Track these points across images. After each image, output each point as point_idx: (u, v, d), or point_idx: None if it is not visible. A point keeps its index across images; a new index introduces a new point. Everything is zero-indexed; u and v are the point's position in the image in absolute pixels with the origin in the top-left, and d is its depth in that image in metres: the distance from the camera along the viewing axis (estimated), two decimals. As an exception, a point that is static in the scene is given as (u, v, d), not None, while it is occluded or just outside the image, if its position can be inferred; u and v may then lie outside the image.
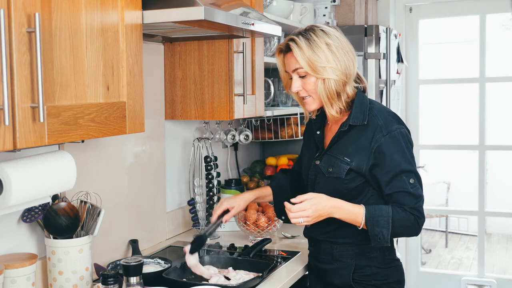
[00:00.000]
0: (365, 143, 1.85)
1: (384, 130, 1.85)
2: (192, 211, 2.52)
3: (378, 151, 1.83)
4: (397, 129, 1.86)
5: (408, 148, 1.88)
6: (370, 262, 1.92)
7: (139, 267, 1.52)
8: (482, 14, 3.87)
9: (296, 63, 1.87)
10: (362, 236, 1.89)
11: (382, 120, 1.87)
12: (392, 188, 1.83)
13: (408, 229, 1.84)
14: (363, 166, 1.85)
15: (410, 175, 1.84)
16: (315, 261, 2.03)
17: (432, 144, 4.84)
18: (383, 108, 1.96)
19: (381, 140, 1.84)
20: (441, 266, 5.95)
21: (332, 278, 1.96)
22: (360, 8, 3.45)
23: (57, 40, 1.33)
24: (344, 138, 1.90)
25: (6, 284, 1.60)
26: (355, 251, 1.92)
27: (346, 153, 1.87)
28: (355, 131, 1.88)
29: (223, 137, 2.72)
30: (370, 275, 1.91)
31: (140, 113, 1.64)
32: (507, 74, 4.29)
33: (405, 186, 1.82)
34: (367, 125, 1.87)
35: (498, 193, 6.07)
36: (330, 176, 1.89)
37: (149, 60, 2.30)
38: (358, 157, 1.85)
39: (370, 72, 3.24)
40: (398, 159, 1.83)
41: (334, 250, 1.95)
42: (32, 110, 1.23)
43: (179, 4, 1.67)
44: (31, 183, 1.48)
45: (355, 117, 1.88)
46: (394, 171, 1.82)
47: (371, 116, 1.88)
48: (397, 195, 1.83)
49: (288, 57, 1.91)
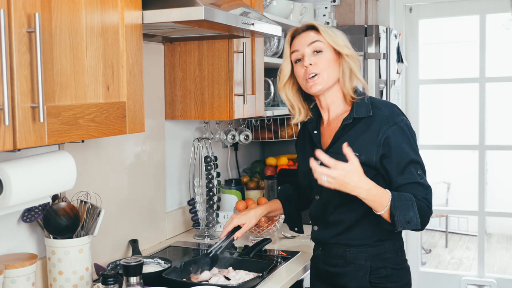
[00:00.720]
0: (373, 135, 1.84)
1: (391, 121, 1.84)
2: (192, 211, 2.52)
3: (386, 142, 1.82)
4: (403, 120, 1.87)
5: (414, 139, 1.89)
6: (385, 263, 1.89)
7: (139, 267, 1.52)
8: (482, 14, 3.87)
9: (317, 36, 1.88)
10: (376, 237, 1.87)
11: (387, 111, 1.87)
12: (403, 180, 1.81)
13: (422, 218, 1.80)
14: (373, 158, 1.82)
15: (417, 167, 1.84)
16: (324, 265, 1.98)
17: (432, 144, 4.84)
18: (385, 101, 1.98)
19: (388, 131, 1.83)
20: (441, 266, 5.95)
21: (346, 281, 1.91)
22: (360, 8, 3.44)
23: (57, 40, 1.33)
24: (349, 133, 1.87)
25: (6, 284, 1.60)
26: (370, 252, 1.88)
27: (353, 148, 1.81)
28: (360, 125, 1.87)
29: (223, 137, 2.72)
30: (385, 277, 1.89)
31: (140, 113, 1.64)
32: (507, 74, 4.29)
33: (415, 177, 1.82)
34: (372, 117, 1.86)
35: (498, 193, 6.07)
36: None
37: (149, 60, 2.30)
38: (366, 150, 1.83)
39: (370, 72, 3.24)
40: (406, 150, 1.83)
41: (347, 253, 1.90)
42: (32, 110, 1.23)
43: (179, 4, 1.67)
44: (31, 183, 1.48)
45: (358, 109, 1.87)
46: (403, 162, 1.81)
47: (375, 108, 1.88)
48: (408, 186, 1.81)
49: (303, 35, 1.90)
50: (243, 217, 2.11)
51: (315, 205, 1.97)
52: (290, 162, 3.10)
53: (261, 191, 2.99)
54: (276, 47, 2.78)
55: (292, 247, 2.39)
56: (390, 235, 1.91)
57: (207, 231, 2.52)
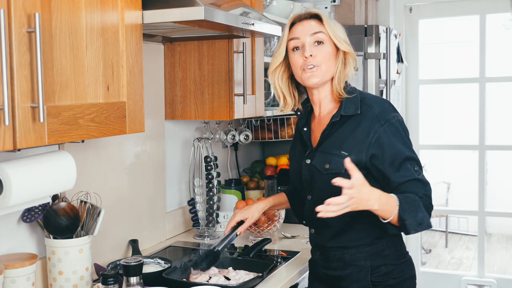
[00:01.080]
0: (363, 135, 1.79)
1: (382, 120, 1.79)
2: (192, 211, 2.52)
3: (378, 142, 1.77)
4: (394, 117, 1.81)
5: (407, 135, 1.83)
6: (385, 260, 1.85)
7: (139, 267, 1.52)
8: (482, 14, 3.87)
9: (320, 27, 1.82)
10: (373, 235, 1.83)
11: (378, 109, 1.81)
12: (400, 177, 1.75)
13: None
14: (362, 158, 1.77)
15: (413, 163, 1.78)
16: (323, 269, 1.95)
17: (432, 144, 4.84)
18: (376, 97, 1.92)
19: (380, 130, 1.78)
20: (441, 266, 5.95)
21: (347, 284, 1.88)
22: (360, 8, 3.45)
23: (57, 40, 1.33)
24: (338, 132, 1.83)
25: (6, 284, 1.60)
26: (368, 252, 1.85)
27: (342, 147, 1.79)
28: (349, 124, 1.82)
29: (223, 137, 2.72)
30: (386, 274, 1.85)
31: (140, 113, 1.64)
32: (507, 74, 4.29)
33: (412, 173, 1.76)
34: (362, 115, 1.81)
35: (498, 193, 6.08)
36: (328, 173, 1.80)
37: (149, 60, 2.30)
38: (356, 150, 1.78)
39: (370, 72, 3.24)
40: (400, 147, 1.77)
41: (345, 255, 1.87)
42: (32, 110, 1.23)
43: (179, 4, 1.67)
44: (31, 183, 1.48)
45: (347, 107, 1.82)
46: (398, 159, 1.76)
47: (365, 106, 1.82)
48: (406, 184, 1.75)
49: (305, 23, 1.84)
50: (246, 211, 2.10)
51: (308, 205, 1.91)
52: (290, 162, 3.10)
53: (261, 191, 2.99)
54: (276, 47, 2.78)
55: (292, 247, 2.39)
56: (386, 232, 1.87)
57: (207, 231, 2.52)
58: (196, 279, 1.91)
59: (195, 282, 1.87)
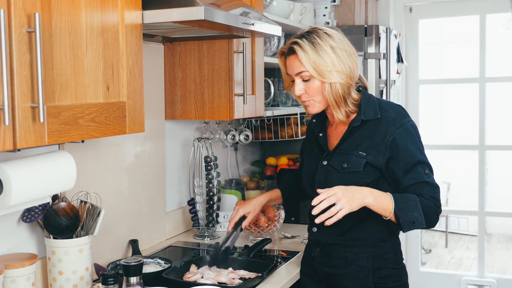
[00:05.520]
0: (380, 137, 1.84)
1: (398, 123, 1.85)
2: (192, 211, 2.52)
3: (393, 144, 1.83)
4: (409, 121, 1.87)
5: (420, 140, 1.90)
6: (386, 263, 1.90)
7: (139, 267, 1.52)
8: (482, 14, 3.87)
9: (301, 66, 1.82)
10: (379, 237, 1.88)
11: (393, 113, 1.87)
12: (410, 180, 1.82)
13: (429, 218, 1.80)
14: (379, 160, 1.83)
15: (425, 167, 1.84)
16: (322, 266, 1.96)
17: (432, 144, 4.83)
18: (390, 102, 1.98)
19: (395, 133, 1.83)
20: (441, 266, 5.95)
21: (347, 282, 1.91)
22: (360, 8, 3.44)
23: (57, 40, 1.33)
24: (355, 134, 1.88)
25: (6, 284, 1.60)
26: (371, 253, 1.89)
27: (360, 148, 1.85)
28: (367, 127, 1.87)
29: (223, 137, 2.72)
30: (386, 277, 1.89)
31: (140, 113, 1.64)
32: (507, 74, 4.29)
33: (422, 176, 1.82)
34: (379, 119, 1.86)
35: (498, 193, 6.07)
36: (345, 172, 1.86)
37: (149, 60, 2.30)
38: (373, 151, 1.84)
39: (370, 72, 3.24)
40: (413, 151, 1.84)
41: (347, 253, 1.90)
42: (32, 110, 1.23)
43: (179, 4, 1.67)
44: (31, 183, 1.48)
45: (366, 112, 1.87)
46: (410, 163, 1.82)
47: (381, 110, 1.88)
48: (415, 186, 1.81)
49: (291, 60, 1.86)
50: (247, 206, 2.14)
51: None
52: (290, 162, 3.10)
53: (261, 191, 2.98)
54: (276, 47, 2.78)
55: (292, 247, 2.39)
56: (392, 235, 1.91)
57: (207, 231, 2.52)
58: (189, 278, 1.90)
59: (195, 282, 1.87)
